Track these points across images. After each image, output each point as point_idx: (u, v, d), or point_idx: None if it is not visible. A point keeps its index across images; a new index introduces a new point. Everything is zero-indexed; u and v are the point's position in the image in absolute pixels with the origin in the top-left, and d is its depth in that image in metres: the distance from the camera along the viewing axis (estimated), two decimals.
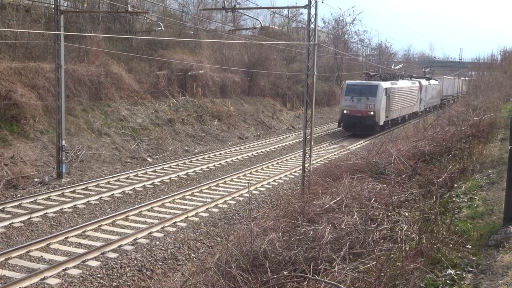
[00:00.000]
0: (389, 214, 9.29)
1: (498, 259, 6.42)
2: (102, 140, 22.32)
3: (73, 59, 24.91)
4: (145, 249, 11.82)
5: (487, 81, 47.37)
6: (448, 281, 6.13)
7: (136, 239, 12.35)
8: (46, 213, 14.02)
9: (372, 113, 31.79)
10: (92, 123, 22.95)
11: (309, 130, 17.33)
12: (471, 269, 6.41)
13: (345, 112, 32.68)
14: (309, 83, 17.46)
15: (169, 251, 11.96)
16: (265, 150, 26.19)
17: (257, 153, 25.44)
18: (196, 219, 14.31)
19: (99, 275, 10.37)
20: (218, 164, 22.03)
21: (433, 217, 8.27)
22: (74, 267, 10.60)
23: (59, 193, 16.05)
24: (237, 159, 23.54)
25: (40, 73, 21.70)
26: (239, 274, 7.29)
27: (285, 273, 7.27)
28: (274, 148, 27.31)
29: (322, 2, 17.40)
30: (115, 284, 10.20)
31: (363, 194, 10.42)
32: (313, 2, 16.66)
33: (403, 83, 38.67)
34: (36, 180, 17.26)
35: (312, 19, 16.86)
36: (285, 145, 28.60)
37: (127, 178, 18.59)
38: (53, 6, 19.66)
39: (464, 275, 6.23)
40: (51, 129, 20.34)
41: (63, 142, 18.12)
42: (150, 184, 17.92)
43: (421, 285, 6.08)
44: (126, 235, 12.46)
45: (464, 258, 6.73)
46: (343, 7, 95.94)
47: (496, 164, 12.48)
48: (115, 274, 10.53)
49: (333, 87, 51.67)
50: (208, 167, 21.30)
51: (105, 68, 25.78)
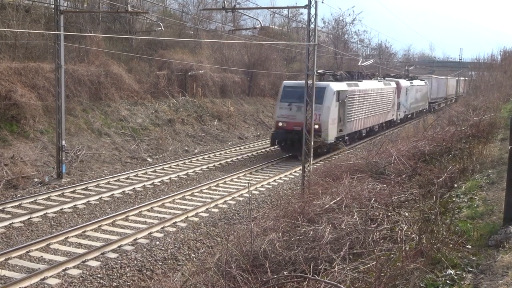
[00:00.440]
0: (389, 214, 9.29)
1: (498, 259, 6.42)
2: (102, 140, 22.32)
3: (73, 59, 24.91)
4: (145, 249, 11.83)
5: (487, 81, 47.40)
6: (448, 281, 6.13)
7: (136, 239, 12.36)
8: (46, 213, 14.03)
9: (317, 126, 21.68)
10: (92, 123, 22.95)
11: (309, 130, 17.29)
12: (471, 269, 6.41)
13: (280, 124, 23.75)
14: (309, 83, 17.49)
15: (169, 251, 11.96)
16: (265, 150, 26.19)
17: (257, 153, 25.44)
18: (196, 219, 14.31)
19: (99, 275, 10.38)
20: (218, 164, 22.03)
21: (433, 217, 8.26)
22: (74, 267, 10.61)
23: (59, 193, 16.06)
24: (237, 159, 23.54)
25: (40, 73, 21.69)
26: (239, 274, 7.29)
27: (285, 273, 7.27)
28: (274, 147, 27.27)
29: (322, 2, 17.44)
30: (115, 284, 10.21)
31: (363, 194, 10.42)
32: (313, 2, 16.68)
33: (369, 84, 29.59)
34: (36, 180, 17.27)
35: (312, 19, 16.89)
36: None
37: (127, 178, 18.60)
38: (53, 6, 19.68)
39: (464, 275, 6.23)
40: (51, 129, 20.34)
41: (63, 142, 18.13)
42: (150, 184, 17.93)
43: (421, 285, 6.08)
44: (126, 235, 12.46)
45: (464, 258, 6.73)
46: (343, 7, 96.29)
47: (496, 164, 12.48)
48: (115, 274, 10.54)
49: None
50: (208, 167, 21.30)
51: (105, 68, 25.77)
